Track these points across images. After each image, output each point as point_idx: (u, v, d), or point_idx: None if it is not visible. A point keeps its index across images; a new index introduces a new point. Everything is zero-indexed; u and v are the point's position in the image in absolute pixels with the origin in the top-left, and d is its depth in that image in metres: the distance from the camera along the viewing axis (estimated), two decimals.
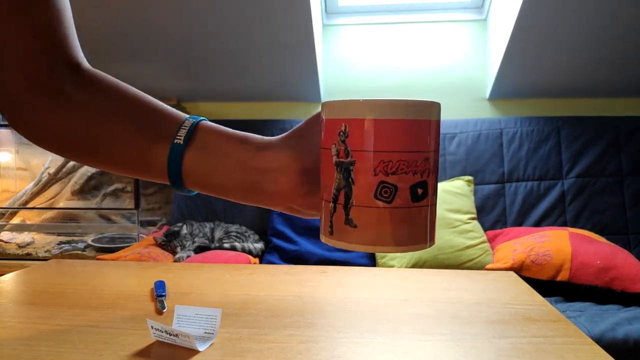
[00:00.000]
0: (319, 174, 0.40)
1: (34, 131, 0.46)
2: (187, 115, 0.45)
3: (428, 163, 0.36)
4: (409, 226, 0.36)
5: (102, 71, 0.49)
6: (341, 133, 0.36)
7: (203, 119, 0.45)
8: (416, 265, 1.65)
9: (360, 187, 0.35)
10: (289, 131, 0.44)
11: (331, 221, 0.37)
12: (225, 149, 0.43)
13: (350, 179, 0.36)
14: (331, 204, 0.37)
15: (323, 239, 0.39)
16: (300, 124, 0.44)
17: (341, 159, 0.36)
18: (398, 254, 1.68)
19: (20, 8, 0.43)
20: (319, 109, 0.40)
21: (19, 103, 0.45)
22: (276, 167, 0.42)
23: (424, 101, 0.36)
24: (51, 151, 0.47)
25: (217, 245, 1.79)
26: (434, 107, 0.37)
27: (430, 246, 0.38)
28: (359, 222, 0.36)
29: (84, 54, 0.50)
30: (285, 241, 1.80)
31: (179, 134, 0.43)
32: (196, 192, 0.46)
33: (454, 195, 1.82)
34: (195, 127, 0.44)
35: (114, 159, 0.46)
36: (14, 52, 0.43)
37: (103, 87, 0.46)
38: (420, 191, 0.36)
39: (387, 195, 0.35)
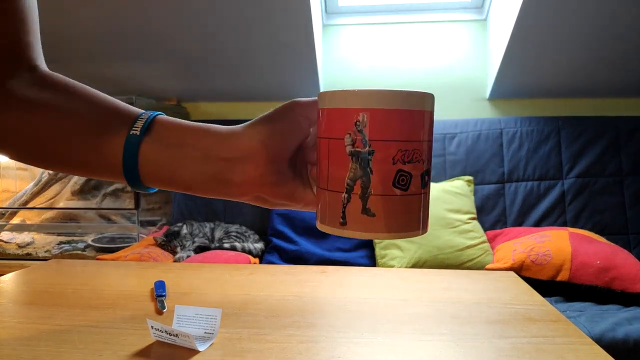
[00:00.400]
0: (287, 162, 0.41)
1: None
2: (144, 110, 0.44)
3: (430, 152, 0.38)
4: (419, 212, 0.38)
5: (102, 71, 0.49)
6: (358, 123, 0.36)
7: (160, 113, 0.43)
8: (416, 265, 1.65)
9: (378, 176, 0.36)
10: (255, 119, 0.42)
11: (344, 212, 0.37)
12: (186, 139, 0.42)
13: (368, 169, 0.36)
14: (344, 195, 0.37)
15: (328, 229, 0.39)
16: (268, 112, 0.42)
17: (357, 149, 0.36)
18: (399, 253, 1.68)
19: None
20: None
21: None
22: (243, 155, 0.40)
23: (430, 94, 0.38)
24: (8, 157, 0.46)
25: (217, 245, 1.79)
26: (433, 99, 0.39)
27: (424, 233, 0.40)
28: (377, 211, 0.36)
29: (84, 54, 0.50)
30: (285, 241, 1.80)
31: (134, 126, 0.41)
32: (156, 190, 0.44)
33: (454, 195, 1.82)
34: (152, 119, 0.42)
35: (68, 158, 0.44)
36: None
37: (56, 87, 0.45)
38: (426, 178, 0.38)
39: (403, 183, 0.36)
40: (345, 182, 0.37)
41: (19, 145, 0.44)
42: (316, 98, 0.41)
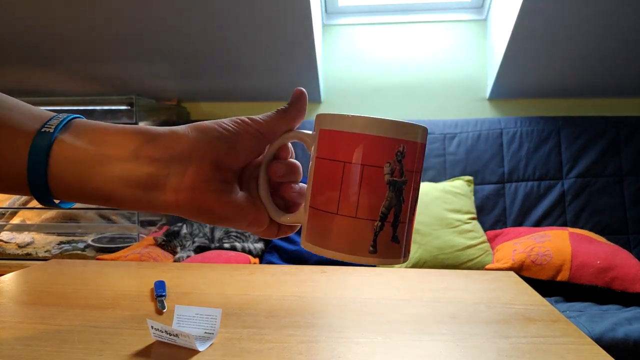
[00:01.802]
0: (235, 173, 0.39)
1: None
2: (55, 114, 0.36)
3: None
4: (411, 240, 0.41)
5: (102, 71, 0.47)
6: (399, 153, 0.37)
7: (79, 116, 0.36)
8: (416, 265, 1.65)
9: (407, 205, 0.38)
10: (205, 122, 0.37)
11: (375, 240, 0.38)
12: (110, 137, 0.34)
13: (401, 198, 0.38)
14: (378, 223, 0.37)
15: (358, 259, 0.38)
16: (221, 119, 0.38)
17: (395, 178, 0.37)
18: None
19: None
20: (318, 114, 0.40)
21: None
22: (183, 155, 0.34)
23: (415, 124, 0.39)
24: None
25: (217, 245, 1.79)
26: (420, 130, 0.40)
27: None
28: (401, 238, 0.38)
29: (84, 54, 0.50)
30: (285, 241, 1.80)
31: (48, 124, 0.33)
32: (70, 205, 0.36)
33: (454, 195, 1.81)
34: (70, 119, 0.35)
35: None
36: None
37: None
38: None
39: (415, 211, 0.40)
40: (380, 210, 0.37)
41: None
42: (271, 115, 0.40)
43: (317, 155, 0.39)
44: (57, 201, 0.35)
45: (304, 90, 0.40)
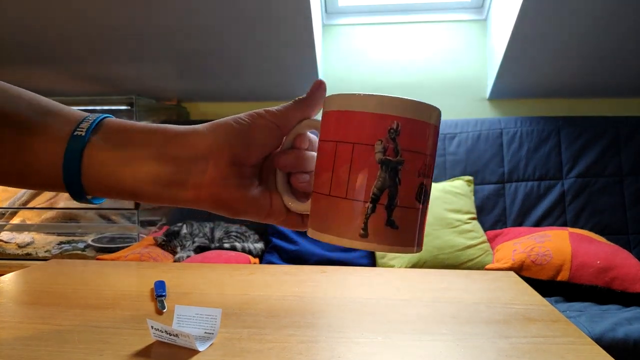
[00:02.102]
0: (252, 167, 0.39)
1: None
2: (88, 114, 0.39)
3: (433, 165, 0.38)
4: (424, 227, 0.37)
5: (102, 71, 0.47)
6: (392, 130, 0.35)
7: (109, 116, 0.39)
8: (416, 265, 1.65)
9: (405, 188, 0.35)
10: (222, 119, 0.39)
11: (366, 223, 0.35)
12: (136, 137, 0.37)
13: (397, 179, 0.35)
14: (369, 204, 0.35)
15: (346, 241, 0.36)
16: (237, 115, 0.39)
17: (388, 157, 0.35)
18: (400, 254, 1.68)
19: None
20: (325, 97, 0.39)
21: None
22: (203, 153, 0.37)
23: (430, 105, 0.37)
24: None
25: (217, 245, 1.79)
26: (438, 112, 0.38)
27: (420, 251, 0.39)
28: (401, 224, 0.35)
29: (84, 54, 0.50)
30: (285, 241, 1.80)
31: (80, 127, 0.36)
32: (102, 201, 0.39)
33: (454, 195, 1.81)
34: (100, 121, 0.37)
35: (3, 170, 0.37)
36: None
37: None
38: (427, 192, 0.37)
39: (423, 197, 0.36)
40: (372, 191, 0.35)
41: None
42: (287, 106, 0.39)
43: (319, 138, 0.39)
44: (89, 197, 0.38)
45: (323, 81, 0.40)
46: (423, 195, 0.36)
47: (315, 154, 0.41)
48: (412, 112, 0.35)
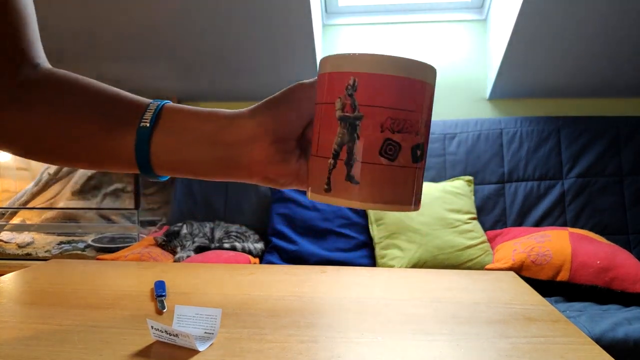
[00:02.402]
0: (293, 141, 0.41)
1: (5, 141, 0.45)
2: (151, 100, 0.44)
3: (426, 127, 0.37)
4: (409, 186, 0.36)
5: (103, 71, 0.49)
6: (349, 87, 0.35)
7: (167, 102, 0.44)
8: (416, 265, 1.65)
9: (365, 143, 0.35)
10: (260, 102, 0.43)
11: (329, 178, 0.36)
12: (193, 126, 0.42)
13: (355, 134, 0.35)
14: (330, 160, 0.36)
15: (315, 197, 0.38)
16: (273, 95, 0.43)
17: (347, 113, 0.35)
18: (399, 253, 1.68)
19: None
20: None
21: None
22: (248, 137, 0.41)
23: (430, 66, 0.36)
24: (18, 155, 0.46)
25: (217, 245, 1.79)
26: (434, 73, 0.37)
27: (416, 209, 0.38)
28: (361, 179, 0.35)
29: (85, 55, 0.51)
30: (285, 241, 1.80)
31: (144, 118, 0.42)
32: (167, 178, 0.45)
33: (454, 195, 1.82)
34: (160, 109, 0.43)
35: (77, 154, 0.44)
36: None
37: (60, 84, 0.45)
38: (419, 152, 0.36)
39: (391, 153, 0.35)
40: (333, 147, 0.36)
41: (27, 143, 0.45)
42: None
43: None
44: (159, 175, 0.44)
45: None
46: (393, 151, 0.35)
47: None
48: (370, 67, 0.34)
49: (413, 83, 0.35)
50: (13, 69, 0.44)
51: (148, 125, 0.42)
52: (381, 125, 0.35)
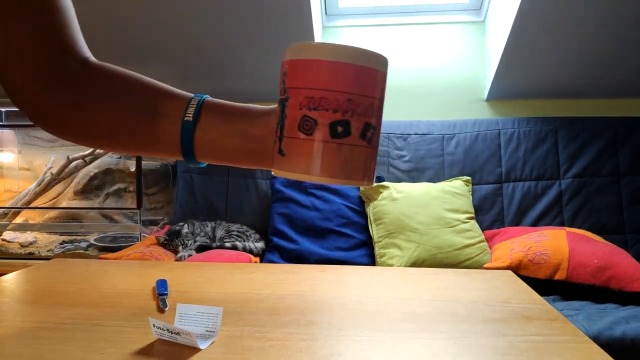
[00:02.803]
0: None
1: (54, 126, 0.50)
2: (193, 95, 0.49)
3: (352, 104, 0.38)
4: (327, 159, 0.39)
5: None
6: (283, 74, 0.40)
7: (207, 96, 0.49)
8: (415, 264, 1.65)
9: (289, 120, 0.39)
10: None
11: (273, 152, 0.42)
12: (229, 121, 0.47)
13: (284, 114, 0.40)
14: (275, 138, 0.42)
15: (272, 170, 0.43)
16: None
17: (280, 96, 0.41)
18: (398, 252, 1.68)
19: (28, 14, 0.45)
20: None
21: (38, 102, 0.48)
22: (272, 132, 0.45)
23: (346, 46, 0.39)
24: (73, 142, 0.51)
25: (219, 244, 1.79)
26: (358, 52, 0.39)
27: (358, 184, 0.41)
28: (287, 152, 0.40)
29: None
30: (285, 240, 1.81)
31: (187, 112, 0.47)
32: (205, 164, 0.50)
33: (452, 195, 1.82)
34: (201, 105, 0.48)
35: (130, 143, 0.49)
36: (28, 57, 0.46)
37: (111, 78, 0.49)
38: (340, 129, 0.39)
39: (307, 128, 0.39)
40: (276, 126, 0.42)
41: (79, 132, 0.49)
42: None
43: None
44: (200, 162, 0.49)
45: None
46: (309, 126, 0.39)
47: None
48: (296, 54, 0.39)
49: (333, 65, 0.38)
50: (62, 64, 0.48)
51: (191, 119, 0.47)
52: (299, 103, 0.39)
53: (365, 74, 0.39)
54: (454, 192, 1.84)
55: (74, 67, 0.48)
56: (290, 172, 0.40)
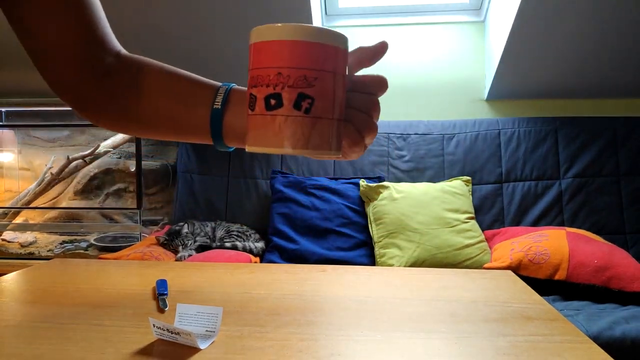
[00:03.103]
0: None
1: (96, 116, 0.54)
2: (220, 83, 0.53)
3: (282, 77, 0.41)
4: (266, 131, 0.42)
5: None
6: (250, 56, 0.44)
7: (234, 85, 0.52)
8: (415, 264, 1.65)
9: (246, 100, 0.43)
10: None
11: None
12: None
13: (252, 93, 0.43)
14: None
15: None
16: None
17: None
18: (398, 252, 1.69)
19: (68, 9, 0.49)
20: None
21: (77, 92, 0.53)
22: None
23: (273, 25, 0.41)
24: (113, 130, 0.57)
25: (219, 244, 1.79)
26: (285, 28, 0.41)
27: (302, 153, 0.42)
28: (247, 128, 0.43)
29: None
30: (285, 240, 1.81)
31: (216, 100, 0.51)
32: (233, 148, 0.54)
33: (452, 195, 1.82)
34: (229, 93, 0.51)
35: (165, 128, 0.54)
36: (69, 50, 0.50)
37: (144, 69, 0.53)
38: (273, 101, 0.41)
39: (251, 104, 0.42)
40: None
41: (117, 120, 0.54)
42: (349, 50, 0.48)
43: None
44: (228, 145, 0.52)
45: (387, 44, 0.50)
46: (252, 103, 0.42)
47: (355, 94, 0.49)
48: (255, 37, 0.42)
49: (261, 45, 0.41)
50: (99, 56, 0.52)
51: (220, 107, 0.50)
52: (248, 84, 0.43)
53: (293, 47, 0.41)
54: (454, 192, 1.84)
55: (109, 59, 0.53)
56: (250, 146, 0.43)
